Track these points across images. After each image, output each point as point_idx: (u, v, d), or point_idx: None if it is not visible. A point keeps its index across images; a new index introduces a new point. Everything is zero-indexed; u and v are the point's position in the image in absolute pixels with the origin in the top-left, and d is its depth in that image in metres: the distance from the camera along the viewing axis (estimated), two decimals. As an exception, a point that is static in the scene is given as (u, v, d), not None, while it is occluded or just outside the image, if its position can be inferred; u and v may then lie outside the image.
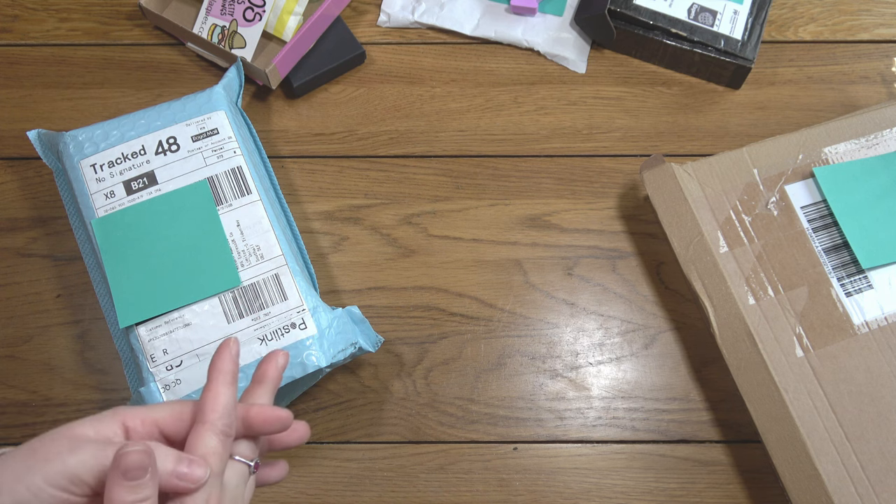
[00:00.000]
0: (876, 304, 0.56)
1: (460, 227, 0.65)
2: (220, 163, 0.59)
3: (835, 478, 0.51)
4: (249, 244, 0.57)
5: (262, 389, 0.42)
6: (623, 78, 0.70)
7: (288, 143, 0.68)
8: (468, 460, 0.58)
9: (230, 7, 0.69)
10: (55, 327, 0.61)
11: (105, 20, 0.73)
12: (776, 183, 0.60)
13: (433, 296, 0.62)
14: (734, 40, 0.67)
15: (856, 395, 0.53)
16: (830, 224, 0.59)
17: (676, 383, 0.60)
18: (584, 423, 0.59)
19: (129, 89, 0.70)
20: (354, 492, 0.57)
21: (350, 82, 0.70)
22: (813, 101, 0.69)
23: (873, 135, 0.61)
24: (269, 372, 0.43)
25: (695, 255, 0.58)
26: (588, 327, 0.62)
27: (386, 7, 0.72)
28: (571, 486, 0.57)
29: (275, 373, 0.43)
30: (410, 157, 0.67)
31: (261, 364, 0.43)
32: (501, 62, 0.71)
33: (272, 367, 0.43)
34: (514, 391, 0.60)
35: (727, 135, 0.68)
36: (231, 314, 0.55)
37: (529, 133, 0.68)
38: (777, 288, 0.57)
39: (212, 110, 0.61)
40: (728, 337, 0.56)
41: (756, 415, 0.54)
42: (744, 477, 0.57)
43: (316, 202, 0.66)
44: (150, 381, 0.53)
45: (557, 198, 0.66)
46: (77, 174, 0.58)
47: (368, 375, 0.60)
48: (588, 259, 0.64)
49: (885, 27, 0.72)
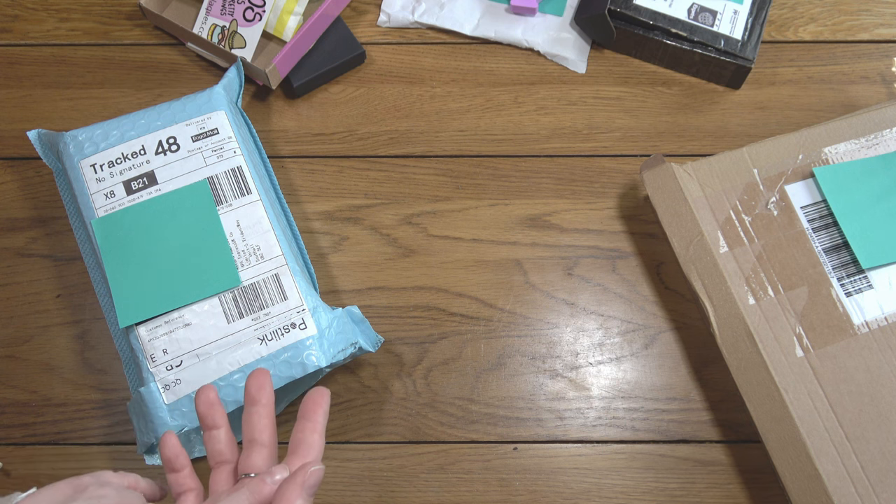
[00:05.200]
0: (876, 304, 0.56)
1: (460, 227, 0.65)
2: (220, 163, 0.59)
3: (835, 478, 0.51)
4: (249, 244, 0.57)
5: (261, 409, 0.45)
6: (623, 78, 0.70)
7: (288, 143, 0.68)
8: (468, 460, 0.58)
9: (230, 7, 0.69)
10: (55, 327, 0.61)
11: (105, 20, 0.73)
12: (776, 183, 0.60)
13: (433, 296, 0.62)
14: (734, 40, 0.67)
15: (856, 395, 0.53)
16: (830, 224, 0.59)
17: (676, 383, 0.60)
18: (584, 423, 0.59)
19: (129, 89, 0.70)
20: (354, 492, 0.57)
21: (350, 82, 0.70)
22: (813, 101, 0.69)
23: (873, 135, 0.61)
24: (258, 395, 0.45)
25: (695, 255, 0.58)
26: (588, 327, 0.62)
27: (386, 7, 0.72)
28: (571, 486, 0.57)
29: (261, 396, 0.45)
30: (410, 157, 0.67)
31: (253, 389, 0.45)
32: (501, 62, 0.71)
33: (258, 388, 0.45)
34: (514, 391, 0.60)
35: (727, 135, 0.68)
36: (231, 314, 0.55)
37: (529, 133, 0.68)
38: (777, 288, 0.57)
39: (212, 110, 0.61)
40: (728, 337, 0.56)
41: (756, 415, 0.54)
42: (744, 477, 0.57)
43: (316, 202, 0.66)
44: (150, 381, 0.53)
45: (557, 198, 0.66)
46: (77, 174, 0.58)
47: (368, 375, 0.60)
48: (588, 259, 0.64)
49: (885, 27, 0.72)
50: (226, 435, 0.44)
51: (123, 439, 0.58)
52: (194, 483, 0.44)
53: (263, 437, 0.43)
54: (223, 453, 0.44)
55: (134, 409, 0.55)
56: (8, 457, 0.58)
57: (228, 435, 0.45)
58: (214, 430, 0.44)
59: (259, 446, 0.43)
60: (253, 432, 0.43)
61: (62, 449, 0.58)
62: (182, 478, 0.44)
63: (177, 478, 0.44)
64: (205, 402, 0.44)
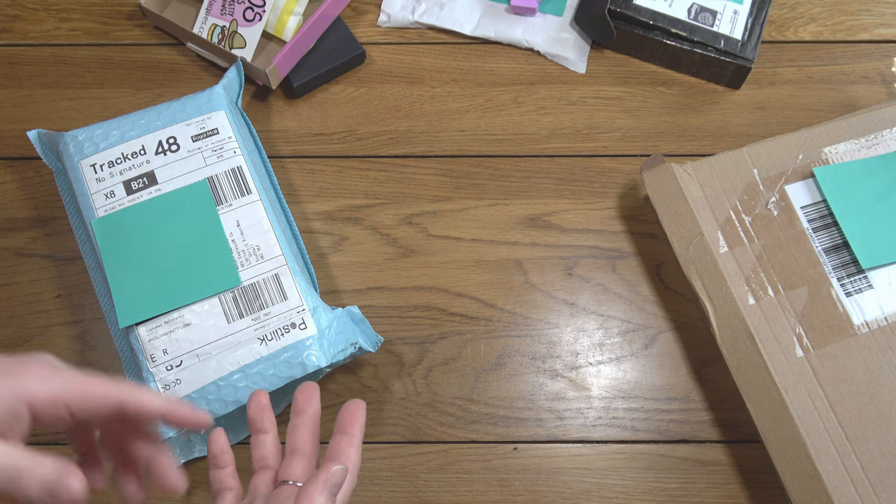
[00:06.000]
0: (876, 304, 0.56)
1: (460, 227, 0.65)
2: (220, 163, 0.59)
3: (835, 478, 0.51)
4: (249, 244, 0.57)
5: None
6: (623, 78, 0.70)
7: (288, 143, 0.68)
8: (468, 460, 0.58)
9: (230, 7, 0.69)
10: (55, 327, 0.61)
11: (105, 20, 0.73)
12: (776, 183, 0.60)
13: (433, 296, 0.62)
14: (734, 40, 0.67)
15: (856, 395, 0.53)
16: (830, 224, 0.59)
17: (676, 383, 0.60)
18: (584, 423, 0.59)
19: (129, 89, 0.70)
20: (355, 492, 0.57)
21: (350, 82, 0.70)
22: (813, 101, 0.69)
23: (873, 135, 0.61)
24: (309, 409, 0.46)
25: (695, 255, 0.58)
26: (588, 327, 0.62)
27: (386, 7, 0.72)
28: (571, 486, 0.57)
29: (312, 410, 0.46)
30: (410, 157, 0.67)
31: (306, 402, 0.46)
32: (501, 62, 0.71)
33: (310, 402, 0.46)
34: (514, 391, 0.60)
35: (727, 135, 0.68)
36: (231, 314, 0.55)
37: (529, 133, 0.68)
38: (777, 288, 0.57)
39: (212, 110, 0.61)
40: (728, 337, 0.56)
41: (756, 415, 0.54)
42: (744, 477, 0.57)
43: (316, 202, 0.66)
44: (151, 381, 0.53)
45: (557, 198, 0.66)
46: (77, 174, 0.58)
47: (368, 375, 0.60)
48: (588, 259, 0.64)
49: (885, 27, 0.72)
50: (272, 440, 0.45)
51: (123, 439, 0.58)
52: (235, 483, 0.44)
53: (306, 447, 0.44)
54: (267, 458, 0.45)
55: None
56: (8, 457, 0.58)
57: (275, 441, 0.45)
58: (262, 434, 0.45)
59: (300, 456, 0.44)
60: (296, 441, 0.44)
61: (62, 449, 0.58)
62: (224, 475, 0.44)
63: (219, 475, 0.44)
64: (256, 406, 0.45)
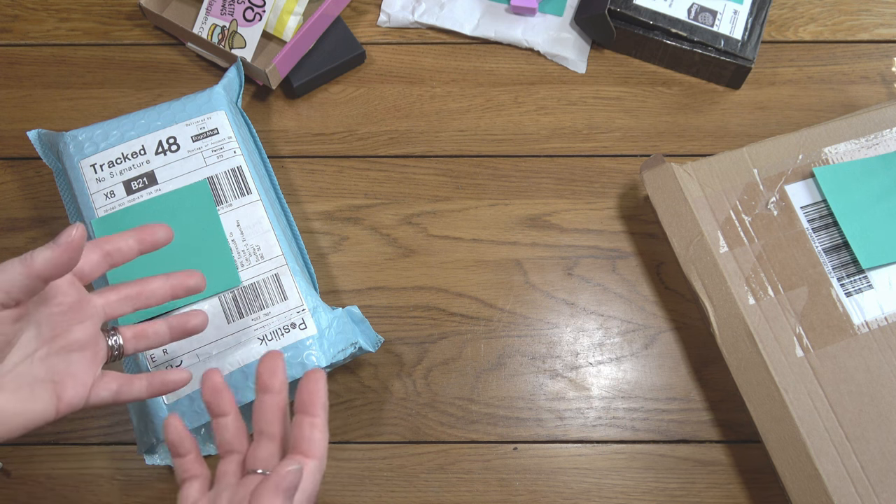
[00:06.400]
0: (876, 304, 0.56)
1: (460, 227, 0.65)
2: (220, 163, 0.59)
3: (835, 478, 0.51)
4: (249, 244, 0.57)
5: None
6: (623, 78, 0.70)
7: (288, 143, 0.68)
8: (468, 460, 0.58)
9: (230, 7, 0.69)
10: (55, 327, 0.61)
11: (105, 20, 0.73)
12: (776, 183, 0.60)
13: (433, 296, 0.62)
14: (734, 40, 0.67)
15: (856, 395, 0.53)
16: (830, 224, 0.59)
17: (676, 383, 0.60)
18: (584, 423, 0.59)
19: (129, 89, 0.70)
20: (354, 492, 0.57)
21: (350, 82, 0.70)
22: (813, 101, 0.69)
23: (873, 135, 0.61)
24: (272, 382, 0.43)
25: (695, 255, 0.58)
26: (588, 327, 0.62)
27: (386, 7, 0.72)
28: (571, 486, 0.57)
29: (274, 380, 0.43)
30: (410, 157, 0.67)
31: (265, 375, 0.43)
32: (501, 62, 0.71)
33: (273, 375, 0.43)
34: (514, 391, 0.60)
35: (727, 135, 0.68)
36: (231, 314, 0.55)
37: (529, 133, 0.68)
38: (777, 288, 0.57)
39: (212, 110, 0.61)
40: (728, 337, 0.56)
41: (756, 415, 0.54)
42: (744, 477, 0.57)
43: (316, 202, 0.66)
44: (150, 381, 0.53)
45: (557, 198, 0.66)
46: (77, 174, 0.58)
47: (368, 375, 0.60)
48: (588, 259, 0.64)
49: (885, 27, 0.72)
50: (234, 423, 0.42)
51: (123, 439, 0.58)
52: (200, 469, 0.42)
53: (273, 429, 0.41)
54: (231, 442, 0.42)
55: (134, 409, 0.55)
56: (8, 457, 0.58)
57: (237, 422, 0.42)
58: (222, 417, 0.42)
59: (267, 439, 0.41)
60: (261, 423, 0.41)
61: (62, 449, 0.58)
62: (187, 463, 0.42)
63: (182, 462, 0.42)
64: (210, 387, 0.42)
